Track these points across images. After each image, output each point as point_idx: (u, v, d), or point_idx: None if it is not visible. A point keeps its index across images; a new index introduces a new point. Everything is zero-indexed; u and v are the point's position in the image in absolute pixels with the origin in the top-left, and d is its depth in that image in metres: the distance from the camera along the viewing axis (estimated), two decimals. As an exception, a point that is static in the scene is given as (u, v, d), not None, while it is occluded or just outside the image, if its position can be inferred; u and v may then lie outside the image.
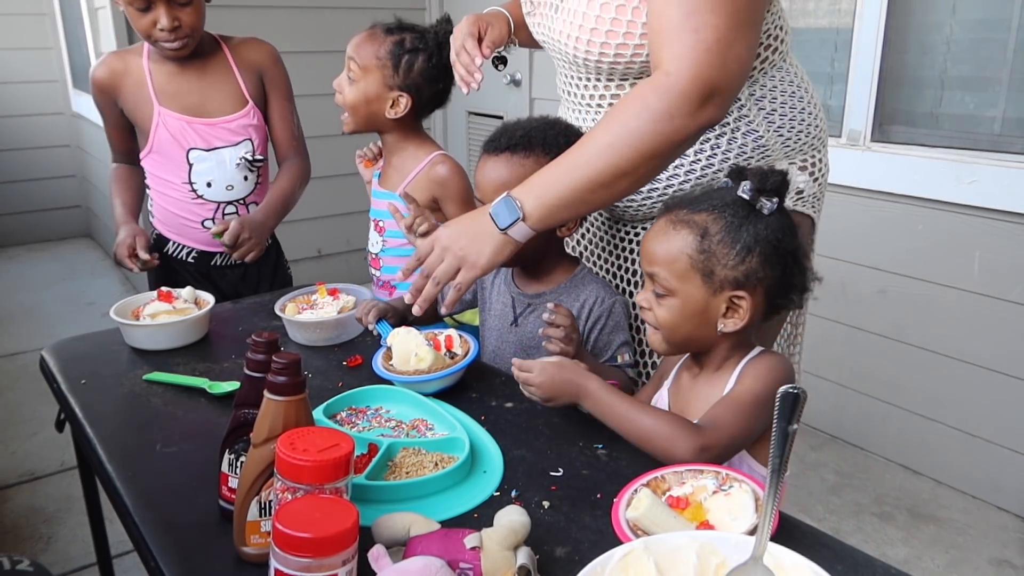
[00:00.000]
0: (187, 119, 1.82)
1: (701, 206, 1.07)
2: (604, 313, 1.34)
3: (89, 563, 2.07)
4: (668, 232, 1.08)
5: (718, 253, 1.04)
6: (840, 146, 2.52)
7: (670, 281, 1.07)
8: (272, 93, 1.94)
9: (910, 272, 2.43)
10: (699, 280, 1.05)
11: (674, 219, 1.08)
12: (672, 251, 1.06)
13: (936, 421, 2.46)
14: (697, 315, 1.07)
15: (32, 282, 4.49)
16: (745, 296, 1.05)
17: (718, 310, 1.06)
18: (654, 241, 1.09)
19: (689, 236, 1.05)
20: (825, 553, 0.86)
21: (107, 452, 1.12)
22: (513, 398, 1.25)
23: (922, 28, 2.41)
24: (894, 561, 2.02)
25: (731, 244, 1.04)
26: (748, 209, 1.05)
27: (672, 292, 1.07)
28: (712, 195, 1.10)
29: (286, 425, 0.84)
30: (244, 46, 1.92)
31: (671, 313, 1.08)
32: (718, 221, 1.05)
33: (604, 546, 0.75)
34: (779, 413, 0.71)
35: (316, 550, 0.71)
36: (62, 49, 4.94)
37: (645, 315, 1.12)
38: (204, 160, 1.85)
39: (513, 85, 3.62)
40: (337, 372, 1.37)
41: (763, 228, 1.04)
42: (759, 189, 1.05)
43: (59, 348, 1.49)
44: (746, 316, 1.06)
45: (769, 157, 1.31)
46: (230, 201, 1.90)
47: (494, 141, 1.35)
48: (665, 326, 1.09)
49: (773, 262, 1.05)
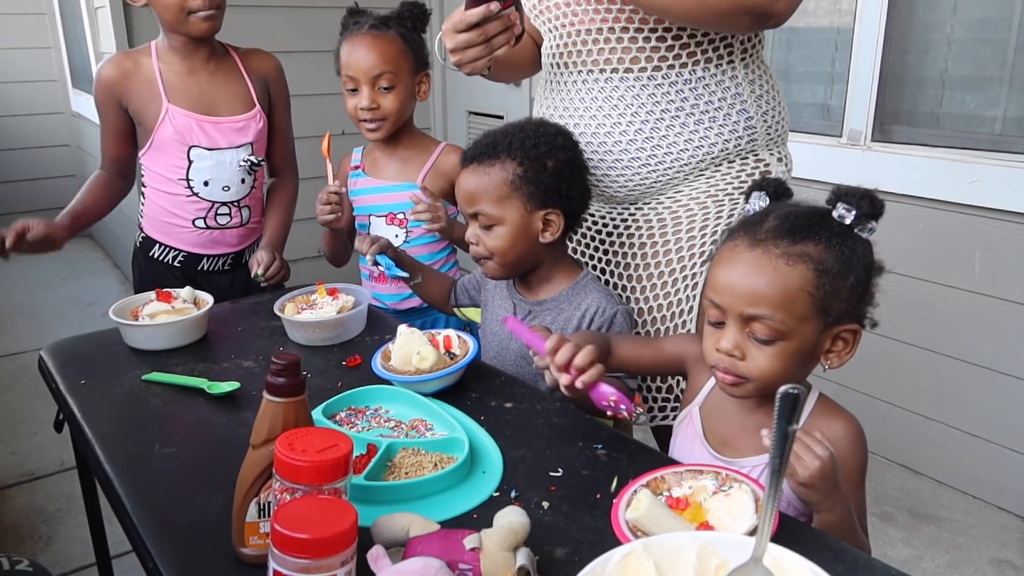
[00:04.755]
0: (195, 116, 1.82)
1: (802, 235, 0.96)
2: (605, 324, 1.33)
3: (88, 563, 2.07)
4: (779, 268, 0.94)
5: (837, 288, 0.95)
6: (840, 146, 2.52)
7: (787, 323, 0.94)
8: (275, 105, 1.96)
9: (910, 272, 2.43)
10: (817, 319, 0.95)
11: (777, 252, 0.95)
12: (790, 290, 0.93)
13: (936, 421, 2.46)
14: (807, 356, 0.97)
15: (31, 282, 4.49)
16: (856, 329, 0.97)
17: (824, 346, 0.98)
18: (757, 279, 0.95)
19: (808, 272, 0.94)
20: (826, 554, 0.86)
21: (106, 452, 1.11)
22: (512, 398, 1.25)
23: (923, 27, 2.40)
24: (895, 561, 2.01)
25: (845, 276, 0.95)
26: (848, 233, 0.97)
27: (784, 336, 0.95)
28: (801, 219, 0.98)
29: (285, 426, 0.84)
30: (252, 55, 1.94)
31: (780, 360, 0.95)
32: (830, 251, 0.95)
33: (604, 547, 0.75)
34: (779, 413, 0.71)
35: (315, 551, 0.71)
36: (62, 49, 4.93)
37: (734, 366, 0.98)
38: (205, 158, 1.84)
39: (513, 85, 3.62)
40: (336, 372, 1.37)
41: (865, 253, 0.97)
42: (866, 214, 0.96)
43: (58, 348, 1.48)
44: (852, 349, 0.98)
45: (754, 141, 1.35)
46: (224, 202, 1.89)
47: (467, 152, 1.36)
48: (769, 376, 0.96)
49: (868, 286, 0.99)
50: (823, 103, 2.67)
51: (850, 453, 1.00)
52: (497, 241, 1.33)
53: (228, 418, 1.21)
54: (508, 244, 1.33)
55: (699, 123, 1.31)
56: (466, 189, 1.34)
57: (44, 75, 5.01)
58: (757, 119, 1.34)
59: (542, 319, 1.38)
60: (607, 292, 1.38)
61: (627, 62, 1.31)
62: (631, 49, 1.30)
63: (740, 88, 1.31)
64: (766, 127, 1.36)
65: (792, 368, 0.97)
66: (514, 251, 1.34)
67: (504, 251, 1.33)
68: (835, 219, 0.97)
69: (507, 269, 1.38)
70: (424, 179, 1.76)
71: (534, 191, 1.30)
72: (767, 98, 1.36)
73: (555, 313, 1.37)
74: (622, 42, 1.29)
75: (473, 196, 1.33)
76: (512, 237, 1.32)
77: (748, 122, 1.33)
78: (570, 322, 1.35)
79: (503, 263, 1.36)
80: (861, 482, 1.02)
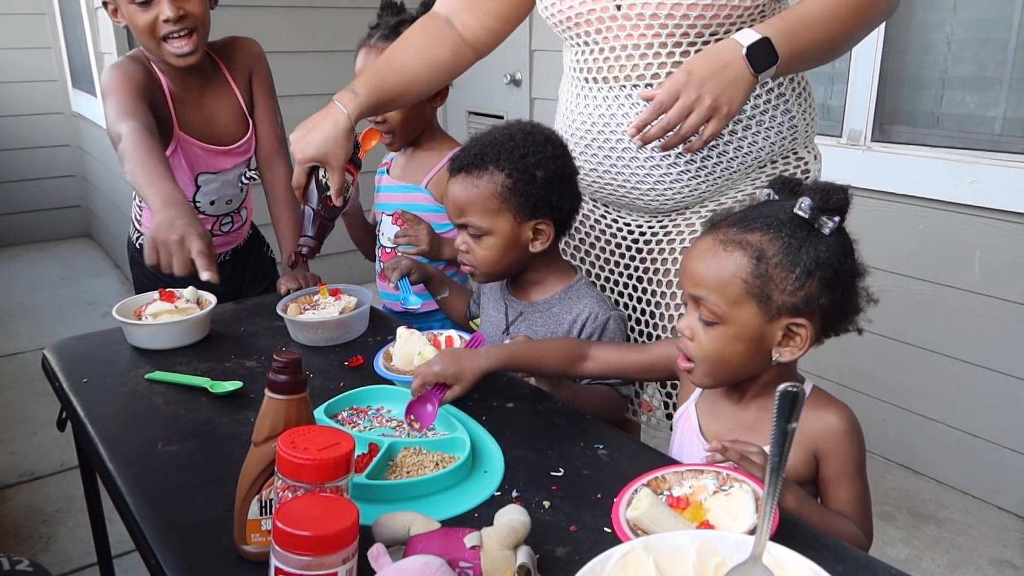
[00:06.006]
0: (201, 145, 1.76)
1: (753, 224, 0.99)
2: (597, 330, 1.32)
3: (88, 563, 2.07)
4: (718, 253, 0.99)
5: (776, 277, 0.96)
6: (840, 146, 2.53)
7: (721, 307, 0.98)
8: (258, 91, 1.85)
9: (910, 272, 2.43)
10: (754, 306, 0.97)
11: (723, 239, 0.99)
12: (724, 274, 0.97)
13: (936, 421, 2.46)
14: (750, 344, 0.99)
15: (31, 282, 4.49)
16: (805, 324, 0.97)
17: (773, 338, 0.99)
18: (701, 262, 1.00)
19: (743, 258, 0.97)
20: (826, 553, 0.86)
21: (109, 451, 1.12)
22: (514, 398, 1.25)
23: (923, 28, 2.41)
24: (895, 561, 2.01)
25: (790, 268, 0.96)
26: (807, 229, 0.97)
27: (723, 319, 0.98)
28: (764, 212, 1.01)
29: (287, 424, 0.84)
30: (231, 49, 1.83)
31: (721, 343, 0.99)
32: (775, 242, 0.96)
33: (604, 546, 0.75)
34: (778, 411, 0.71)
35: (316, 548, 0.71)
36: (62, 49, 4.94)
37: (685, 347, 1.03)
38: (211, 182, 1.81)
39: (513, 85, 3.62)
40: (338, 372, 1.37)
41: (824, 250, 0.96)
42: (821, 207, 0.97)
43: (61, 347, 1.49)
44: (805, 344, 0.99)
45: (795, 140, 1.32)
46: (227, 213, 1.89)
47: (454, 160, 1.33)
48: (711, 357, 1.01)
49: (834, 286, 0.97)
50: (823, 103, 2.67)
51: (845, 444, 1.01)
52: (487, 251, 1.32)
53: (231, 417, 1.21)
54: (498, 255, 1.32)
55: (747, 128, 1.27)
56: (454, 200, 1.32)
57: (44, 75, 5.01)
58: (799, 117, 1.31)
59: (532, 321, 1.38)
60: (600, 298, 1.37)
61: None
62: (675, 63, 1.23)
63: (783, 88, 1.28)
64: (805, 124, 1.32)
65: (736, 355, 1.00)
66: (504, 261, 1.34)
67: (494, 261, 1.33)
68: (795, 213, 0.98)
69: (495, 276, 1.39)
70: (429, 182, 1.76)
71: (524, 203, 1.28)
72: (805, 95, 1.32)
73: (546, 316, 1.37)
74: (658, 57, 1.24)
75: (461, 207, 1.31)
76: (502, 248, 1.32)
77: (791, 121, 1.30)
78: (560, 325, 1.35)
79: (491, 272, 1.36)
80: (860, 472, 1.03)
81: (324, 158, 1.35)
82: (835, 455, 1.01)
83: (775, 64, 1.11)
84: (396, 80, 1.41)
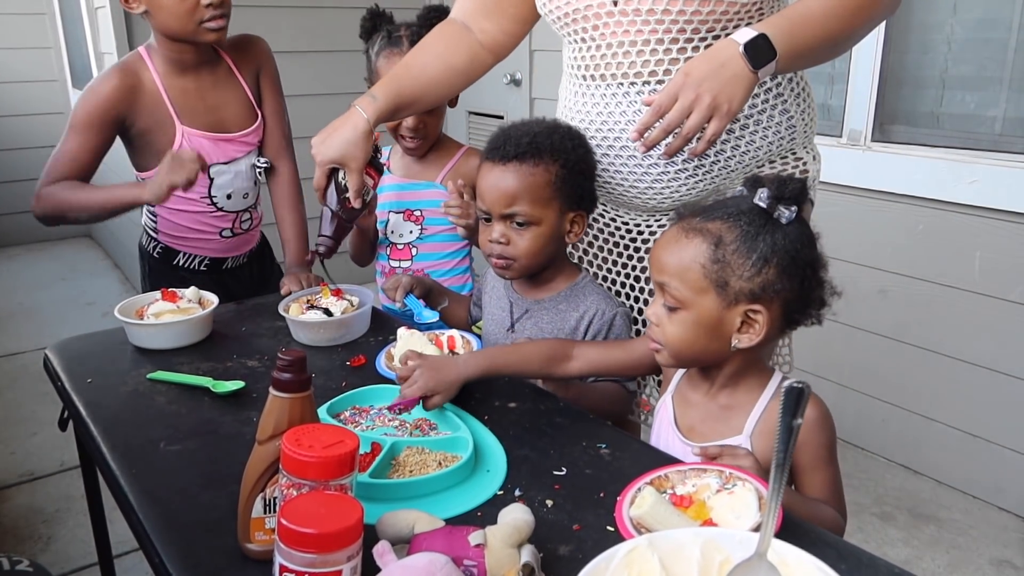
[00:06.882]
0: (210, 136, 1.76)
1: (715, 214, 1.03)
2: (604, 327, 1.32)
3: (88, 563, 2.07)
4: (680, 241, 1.03)
5: (733, 263, 1.00)
6: (840, 146, 2.53)
7: (681, 292, 1.02)
8: (265, 88, 1.87)
9: (910, 272, 2.43)
10: (713, 292, 1.01)
11: (686, 227, 1.04)
12: (684, 260, 1.02)
13: (936, 421, 2.46)
14: (710, 329, 1.02)
15: (31, 282, 4.49)
16: (761, 310, 1.00)
17: (732, 324, 1.02)
18: (664, 250, 1.05)
19: (702, 245, 1.01)
20: (829, 552, 0.86)
21: (111, 450, 1.12)
22: (516, 398, 1.25)
23: (923, 28, 2.41)
24: (894, 561, 2.00)
25: (747, 254, 0.99)
26: (765, 218, 1.01)
27: (684, 304, 1.02)
28: (727, 203, 1.05)
29: (291, 422, 0.84)
30: (239, 46, 1.85)
31: (683, 328, 1.03)
32: (733, 230, 1.01)
33: (607, 544, 0.75)
34: (784, 408, 0.71)
35: (321, 546, 0.71)
36: (62, 49, 4.94)
37: (652, 332, 1.07)
38: (224, 173, 1.81)
39: (513, 85, 3.62)
40: (341, 372, 1.37)
41: (781, 238, 1.00)
42: (777, 197, 1.01)
43: (63, 347, 1.49)
44: (762, 331, 1.01)
45: (794, 140, 1.32)
46: (245, 209, 1.88)
47: (499, 149, 1.29)
48: (675, 342, 1.04)
49: (791, 274, 1.00)
50: (823, 103, 2.67)
51: (817, 432, 1.04)
52: (530, 242, 1.30)
53: (233, 416, 1.21)
54: (541, 245, 1.30)
55: (744, 128, 1.27)
56: (504, 188, 1.28)
57: (44, 75, 5.01)
58: (797, 117, 1.31)
59: (539, 318, 1.38)
60: (606, 295, 1.37)
61: (673, 73, 1.23)
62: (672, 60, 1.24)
63: (782, 88, 1.28)
64: (804, 124, 1.33)
65: (697, 340, 1.04)
66: (544, 252, 1.32)
67: (535, 252, 1.31)
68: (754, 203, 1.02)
69: (530, 270, 1.35)
70: (444, 179, 1.77)
71: (571, 193, 1.29)
72: (803, 95, 1.32)
73: (552, 312, 1.37)
74: (655, 54, 1.24)
75: (512, 196, 1.27)
76: (546, 238, 1.30)
77: (789, 121, 1.30)
78: (567, 322, 1.34)
79: (529, 264, 1.33)
80: (832, 458, 1.06)
81: (343, 160, 1.38)
82: (808, 444, 1.03)
83: (774, 60, 1.11)
84: (414, 85, 1.42)
